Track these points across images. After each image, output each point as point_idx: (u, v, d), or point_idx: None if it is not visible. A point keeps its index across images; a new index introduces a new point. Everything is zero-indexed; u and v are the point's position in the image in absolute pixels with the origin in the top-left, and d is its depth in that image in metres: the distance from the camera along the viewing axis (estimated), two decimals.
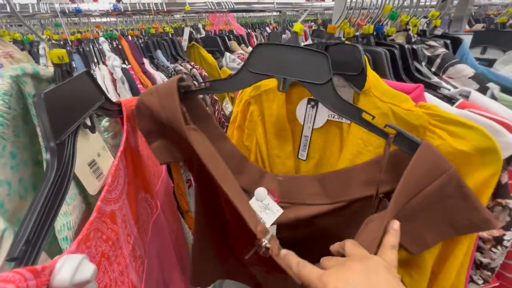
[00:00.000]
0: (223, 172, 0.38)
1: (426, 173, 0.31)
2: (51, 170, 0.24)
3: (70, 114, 0.28)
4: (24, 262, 0.20)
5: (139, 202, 0.45)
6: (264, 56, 0.40)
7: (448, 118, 0.35)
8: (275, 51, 0.39)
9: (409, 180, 0.31)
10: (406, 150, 0.33)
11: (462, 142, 0.34)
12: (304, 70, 0.39)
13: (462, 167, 0.34)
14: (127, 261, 0.37)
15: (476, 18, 2.09)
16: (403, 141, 0.33)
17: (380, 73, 0.45)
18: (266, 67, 0.40)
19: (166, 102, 0.37)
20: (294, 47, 0.38)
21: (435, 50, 0.56)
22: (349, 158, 0.45)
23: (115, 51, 0.81)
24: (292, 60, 0.39)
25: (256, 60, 0.40)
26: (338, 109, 0.37)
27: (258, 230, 0.34)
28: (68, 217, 0.28)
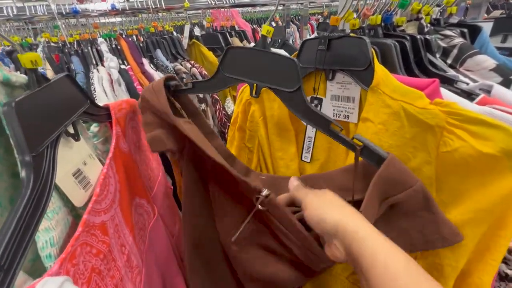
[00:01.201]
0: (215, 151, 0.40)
1: (390, 187, 0.31)
2: (27, 186, 0.22)
3: (48, 123, 0.26)
4: None
5: (134, 209, 0.43)
6: (237, 60, 0.40)
7: (470, 116, 0.31)
8: (246, 55, 0.40)
9: (374, 194, 0.31)
10: (373, 163, 0.33)
11: (486, 143, 0.30)
12: (275, 76, 0.38)
13: (486, 173, 0.30)
14: (122, 273, 0.35)
15: (494, 4, 1.97)
16: (370, 154, 0.33)
17: (389, 67, 0.41)
18: (239, 71, 0.40)
19: (158, 96, 0.41)
20: (263, 52, 0.37)
21: (451, 40, 0.51)
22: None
23: (114, 51, 0.80)
24: (263, 65, 0.38)
25: (229, 63, 0.41)
26: (307, 118, 0.36)
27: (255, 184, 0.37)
28: (51, 232, 0.26)
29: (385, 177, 0.31)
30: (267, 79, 0.38)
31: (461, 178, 0.32)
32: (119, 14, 0.88)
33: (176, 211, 0.71)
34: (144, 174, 0.51)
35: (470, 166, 0.31)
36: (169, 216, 0.62)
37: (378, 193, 0.32)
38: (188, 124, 0.42)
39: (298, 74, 0.35)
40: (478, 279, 0.34)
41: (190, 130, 0.40)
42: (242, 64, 0.40)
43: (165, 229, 0.56)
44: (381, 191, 0.32)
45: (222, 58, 0.41)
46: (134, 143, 0.48)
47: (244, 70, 0.40)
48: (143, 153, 0.52)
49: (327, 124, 0.35)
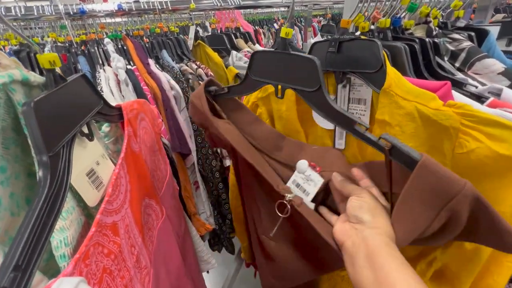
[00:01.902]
0: (248, 150, 0.44)
1: (432, 195, 0.28)
2: (44, 186, 0.23)
3: (64, 123, 0.26)
4: None
5: (143, 209, 0.43)
6: (262, 63, 0.42)
7: (484, 118, 0.31)
8: (269, 58, 0.41)
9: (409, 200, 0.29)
10: (404, 165, 0.29)
11: (504, 145, 0.30)
12: (297, 77, 0.39)
13: (503, 174, 0.30)
14: (132, 274, 0.35)
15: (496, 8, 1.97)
16: (399, 155, 0.30)
17: (399, 70, 0.41)
18: (264, 73, 0.42)
19: (201, 102, 0.46)
20: (284, 54, 0.38)
21: (460, 43, 0.51)
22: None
23: (120, 51, 0.80)
24: (285, 66, 0.39)
25: (255, 67, 0.43)
26: (331, 117, 0.36)
27: (280, 188, 0.40)
28: (65, 232, 0.26)
29: (422, 184, 0.28)
30: (290, 80, 0.39)
31: (478, 180, 0.32)
32: (125, 15, 0.88)
33: (182, 212, 0.71)
34: (154, 175, 0.51)
35: (486, 167, 0.31)
36: (176, 217, 0.62)
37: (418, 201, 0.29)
38: (226, 125, 0.46)
39: (318, 74, 0.35)
40: (492, 280, 0.33)
41: (228, 131, 0.44)
42: (267, 67, 0.42)
43: (172, 230, 0.55)
44: (424, 200, 0.28)
45: (249, 63, 0.43)
46: (145, 144, 0.48)
47: (269, 73, 0.42)
48: (153, 153, 0.52)
49: (352, 123, 0.34)
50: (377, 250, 0.29)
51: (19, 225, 0.21)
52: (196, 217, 0.96)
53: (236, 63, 0.91)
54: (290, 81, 0.39)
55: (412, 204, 0.29)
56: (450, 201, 0.27)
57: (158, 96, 0.72)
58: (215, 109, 0.48)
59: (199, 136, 0.81)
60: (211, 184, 0.90)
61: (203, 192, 0.89)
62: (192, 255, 0.73)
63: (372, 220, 0.32)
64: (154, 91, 0.71)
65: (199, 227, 0.97)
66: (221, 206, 0.94)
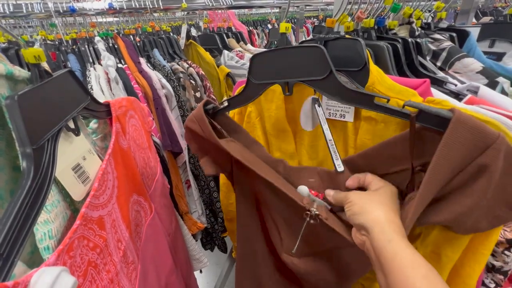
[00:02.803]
0: (263, 167, 0.42)
1: (463, 151, 0.27)
2: (27, 178, 0.23)
3: (49, 117, 0.26)
4: None
5: (131, 205, 0.44)
6: (263, 65, 0.41)
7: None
8: (271, 57, 0.40)
9: (442, 161, 0.27)
10: (434, 127, 0.29)
11: None
12: (303, 69, 0.38)
13: None
14: (118, 268, 0.36)
15: (483, 11, 2.03)
16: (428, 118, 0.29)
17: (382, 68, 0.42)
18: (268, 74, 0.41)
19: (200, 123, 0.43)
20: (288, 48, 0.38)
21: (441, 43, 0.53)
22: None
23: (111, 50, 0.80)
24: (289, 61, 0.39)
25: (257, 70, 0.42)
26: (347, 99, 0.36)
27: (305, 202, 0.38)
28: (50, 225, 0.27)
29: (456, 140, 0.27)
30: (297, 73, 0.38)
31: None
32: (116, 14, 0.89)
33: (173, 211, 0.71)
34: (143, 172, 0.51)
35: None
36: (166, 215, 0.62)
37: (450, 159, 0.27)
38: (232, 143, 0.44)
39: (327, 60, 0.35)
40: (470, 268, 0.35)
41: (235, 150, 0.42)
42: (270, 67, 0.40)
43: (161, 227, 0.56)
44: (455, 156, 0.27)
45: (249, 67, 0.42)
46: (134, 141, 0.48)
47: (273, 72, 0.40)
48: (142, 151, 0.52)
49: (371, 99, 0.33)
50: (381, 253, 0.28)
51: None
52: (188, 216, 0.96)
53: (227, 62, 0.91)
54: (297, 75, 0.38)
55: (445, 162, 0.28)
56: (480, 155, 0.26)
57: (149, 94, 0.72)
58: (216, 129, 0.46)
59: None
60: (203, 182, 0.90)
61: (194, 191, 0.89)
62: (183, 254, 0.73)
63: (367, 220, 0.31)
64: (145, 89, 0.72)
65: (191, 226, 0.97)
66: (213, 205, 0.95)
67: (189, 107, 0.80)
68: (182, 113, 0.78)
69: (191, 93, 0.78)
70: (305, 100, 0.49)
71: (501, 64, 0.53)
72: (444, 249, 0.35)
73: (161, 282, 0.53)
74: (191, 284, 0.78)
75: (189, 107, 0.80)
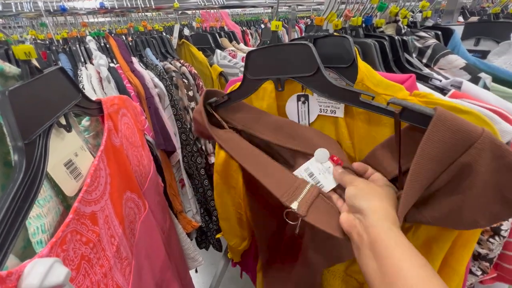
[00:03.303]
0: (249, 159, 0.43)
1: (444, 150, 0.27)
2: (19, 171, 0.23)
3: (40, 113, 0.27)
4: None
5: (124, 202, 0.44)
6: (257, 61, 0.43)
7: (445, 105, 0.34)
8: (264, 54, 0.42)
9: (424, 160, 0.27)
10: (417, 124, 0.29)
11: None
12: (294, 65, 0.40)
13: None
14: (111, 263, 0.36)
15: (471, 11, 2.08)
16: (411, 115, 0.30)
17: (369, 65, 0.43)
18: (262, 70, 0.43)
19: (202, 114, 0.47)
20: (279, 46, 0.39)
21: (426, 41, 0.55)
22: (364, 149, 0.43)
23: (103, 50, 0.79)
24: (281, 58, 0.40)
25: (252, 66, 0.44)
26: (335, 96, 0.37)
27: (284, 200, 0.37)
28: (42, 219, 0.27)
29: (436, 139, 0.27)
30: (288, 70, 0.40)
31: None
32: (108, 13, 0.88)
33: (167, 209, 0.71)
34: (136, 170, 0.51)
35: None
36: (160, 213, 0.62)
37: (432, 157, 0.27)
38: (227, 134, 0.46)
39: (315, 57, 0.36)
40: (459, 256, 0.36)
41: (227, 141, 0.45)
42: (263, 64, 0.42)
43: (155, 225, 0.56)
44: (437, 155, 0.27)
45: (245, 64, 0.44)
46: (127, 139, 0.49)
47: (266, 69, 0.42)
48: (135, 149, 0.53)
49: (357, 96, 0.35)
50: (379, 238, 0.28)
51: None
52: (182, 215, 0.96)
53: (220, 61, 0.92)
54: (288, 71, 0.40)
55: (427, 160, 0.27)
56: (462, 154, 0.26)
57: (142, 94, 0.72)
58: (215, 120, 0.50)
59: (183, 134, 0.82)
60: (196, 181, 0.91)
61: (188, 190, 0.89)
62: (178, 252, 0.74)
63: (369, 206, 0.31)
64: (137, 88, 0.72)
65: (185, 225, 0.97)
66: (207, 203, 0.95)
67: (182, 106, 0.81)
68: (175, 112, 0.78)
69: (184, 92, 0.79)
70: (291, 97, 0.50)
71: (484, 61, 0.55)
72: (436, 241, 0.36)
73: (156, 279, 0.53)
74: (186, 283, 0.78)
75: (182, 106, 0.81)
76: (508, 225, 0.39)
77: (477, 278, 0.45)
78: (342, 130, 0.45)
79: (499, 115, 0.35)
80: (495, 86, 0.46)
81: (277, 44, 0.40)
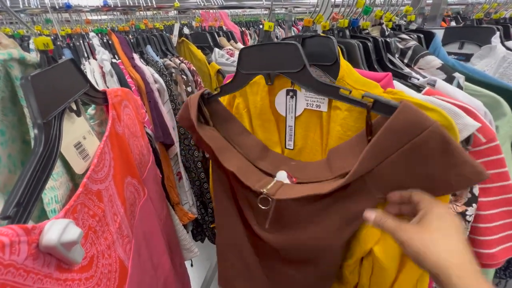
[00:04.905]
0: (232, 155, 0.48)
1: (401, 131, 0.31)
2: (39, 145, 0.27)
3: (55, 97, 0.30)
4: (16, 222, 0.22)
5: (125, 186, 0.47)
6: (249, 57, 0.47)
7: (412, 102, 0.38)
8: (256, 51, 0.46)
9: (383, 138, 0.32)
10: (386, 115, 0.34)
11: None
12: (282, 62, 0.44)
13: None
14: (114, 238, 0.39)
15: (463, 17, 2.15)
16: (382, 107, 0.35)
17: (354, 63, 0.48)
18: (254, 66, 0.48)
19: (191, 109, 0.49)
20: (269, 44, 0.44)
21: (407, 42, 0.59)
22: (333, 145, 0.48)
23: (105, 46, 0.83)
24: (271, 55, 0.44)
25: (244, 62, 0.48)
26: (318, 91, 0.42)
27: (256, 187, 0.43)
28: (56, 191, 0.30)
29: (396, 125, 0.31)
30: (277, 66, 0.44)
31: None
32: (111, 11, 0.92)
33: (164, 199, 0.75)
34: (136, 158, 0.55)
35: None
36: (158, 201, 0.66)
37: (389, 142, 0.32)
38: (210, 132, 0.50)
39: (301, 55, 0.40)
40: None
41: (211, 138, 0.48)
42: (255, 60, 0.46)
43: (154, 211, 0.59)
44: (394, 140, 0.32)
45: (238, 60, 0.48)
46: (129, 129, 0.52)
47: (257, 64, 0.46)
48: (136, 139, 0.56)
49: (337, 90, 0.40)
50: None
51: (15, 180, 0.25)
52: (179, 207, 1.00)
53: (218, 60, 0.96)
54: (277, 67, 0.44)
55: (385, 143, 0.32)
56: (416, 137, 0.31)
57: (142, 88, 0.76)
58: (204, 117, 0.53)
59: (181, 128, 0.85)
60: (193, 174, 0.94)
61: (186, 182, 0.93)
62: (173, 241, 0.77)
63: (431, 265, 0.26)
64: (138, 83, 0.75)
65: (182, 217, 1.00)
66: (203, 196, 0.99)
67: (180, 101, 0.84)
68: (174, 107, 0.82)
69: (183, 87, 0.82)
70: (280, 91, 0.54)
71: (461, 63, 0.60)
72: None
73: (153, 261, 0.56)
74: (182, 271, 0.82)
75: (181, 101, 0.84)
76: (472, 210, 0.43)
77: None
78: (325, 124, 0.49)
79: (464, 110, 0.40)
80: (467, 85, 0.51)
81: (268, 42, 0.44)
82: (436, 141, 0.31)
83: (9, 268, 0.20)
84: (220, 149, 0.49)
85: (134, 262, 0.44)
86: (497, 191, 0.44)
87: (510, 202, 0.45)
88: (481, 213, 0.46)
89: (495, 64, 0.73)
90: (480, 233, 0.46)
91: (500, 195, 0.45)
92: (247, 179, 0.45)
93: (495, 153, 0.43)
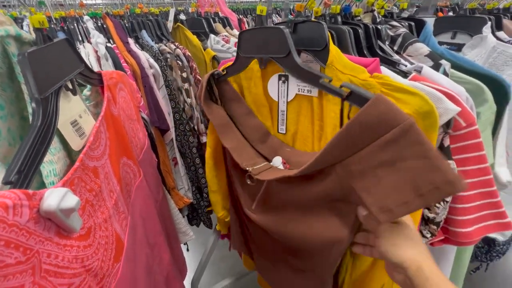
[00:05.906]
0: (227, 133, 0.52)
1: (372, 125, 0.29)
2: (37, 119, 0.28)
3: (52, 75, 0.32)
4: (18, 187, 0.24)
5: (121, 166, 0.49)
6: (246, 41, 0.50)
7: (396, 86, 0.40)
8: (251, 35, 0.48)
9: (350, 130, 0.30)
10: (359, 106, 0.32)
11: (406, 106, 0.39)
12: (272, 47, 0.45)
13: None
14: (110, 213, 0.41)
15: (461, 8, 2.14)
16: (357, 98, 0.34)
17: (343, 49, 0.49)
18: (250, 49, 0.50)
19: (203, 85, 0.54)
20: (261, 28, 0.45)
21: (397, 30, 0.60)
22: (330, 132, 0.50)
23: (100, 30, 0.83)
24: (263, 40, 0.46)
25: (243, 45, 0.51)
26: (302, 77, 0.43)
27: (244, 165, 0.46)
28: (54, 165, 0.32)
29: (366, 117, 0.29)
30: (268, 50, 0.46)
31: None
32: None
33: (160, 182, 0.77)
34: (132, 140, 0.56)
35: None
36: (153, 184, 0.68)
37: (357, 134, 0.30)
38: (217, 110, 0.53)
39: (287, 41, 0.42)
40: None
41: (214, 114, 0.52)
42: (251, 44, 0.49)
43: (149, 192, 0.61)
44: (364, 132, 0.29)
45: (238, 43, 0.51)
46: (124, 111, 0.53)
47: (253, 48, 0.49)
48: (131, 122, 0.57)
49: (317, 78, 0.41)
50: None
51: (14, 153, 0.27)
52: (175, 191, 1.02)
53: (214, 46, 0.96)
54: (268, 52, 0.46)
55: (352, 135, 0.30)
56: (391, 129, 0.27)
57: (138, 73, 0.76)
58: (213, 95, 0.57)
59: (177, 113, 0.86)
60: (189, 160, 0.96)
61: (181, 168, 0.95)
62: (169, 224, 0.79)
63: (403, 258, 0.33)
64: (133, 68, 0.76)
65: (177, 201, 1.03)
66: (198, 181, 1.01)
67: (175, 86, 0.85)
68: (169, 92, 0.82)
69: (178, 73, 0.83)
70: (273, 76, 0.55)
71: (451, 52, 0.61)
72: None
73: (149, 240, 0.59)
74: (178, 253, 0.85)
75: (176, 87, 0.85)
76: None
77: (427, 240, 0.52)
78: (316, 109, 0.51)
79: (446, 95, 0.41)
80: (453, 72, 0.52)
81: (260, 27, 0.45)
82: (408, 141, 0.27)
83: (13, 228, 0.22)
84: (221, 126, 0.52)
85: (130, 237, 0.46)
86: (475, 173, 0.47)
87: (486, 183, 0.48)
88: (459, 194, 0.48)
89: (485, 54, 0.75)
90: (457, 213, 0.49)
91: (477, 177, 0.47)
92: (239, 157, 0.47)
93: (474, 137, 0.45)
